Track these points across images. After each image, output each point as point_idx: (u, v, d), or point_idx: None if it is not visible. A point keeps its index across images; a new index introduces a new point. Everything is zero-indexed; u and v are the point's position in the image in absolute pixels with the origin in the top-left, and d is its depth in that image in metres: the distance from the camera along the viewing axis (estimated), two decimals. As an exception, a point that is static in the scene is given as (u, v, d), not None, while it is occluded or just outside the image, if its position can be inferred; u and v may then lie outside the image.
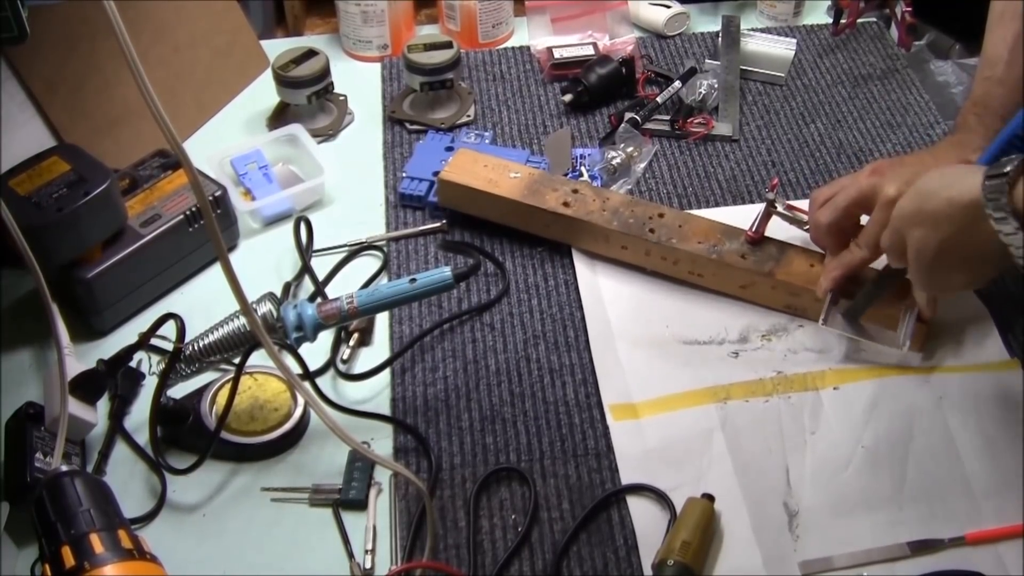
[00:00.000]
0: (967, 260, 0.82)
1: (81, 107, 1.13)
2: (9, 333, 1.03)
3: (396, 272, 1.09)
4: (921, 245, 0.83)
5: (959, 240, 0.80)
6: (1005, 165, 0.74)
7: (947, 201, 0.79)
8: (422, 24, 1.47)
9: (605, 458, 0.91)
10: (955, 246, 0.81)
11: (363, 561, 0.85)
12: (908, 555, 0.84)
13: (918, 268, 0.85)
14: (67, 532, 0.72)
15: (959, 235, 0.80)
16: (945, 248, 0.81)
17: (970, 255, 0.81)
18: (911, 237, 0.83)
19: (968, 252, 0.81)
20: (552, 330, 1.03)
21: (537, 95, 1.31)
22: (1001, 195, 0.74)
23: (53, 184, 0.97)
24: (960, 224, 0.79)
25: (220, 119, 1.29)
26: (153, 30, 1.21)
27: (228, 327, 1.00)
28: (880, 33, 1.40)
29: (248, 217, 1.14)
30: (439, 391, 0.98)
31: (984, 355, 0.98)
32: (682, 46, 1.39)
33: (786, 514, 0.87)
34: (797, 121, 1.26)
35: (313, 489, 0.90)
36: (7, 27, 0.86)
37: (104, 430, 0.94)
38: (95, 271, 0.99)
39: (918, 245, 0.83)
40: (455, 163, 1.12)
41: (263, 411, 0.93)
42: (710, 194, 1.17)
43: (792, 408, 0.94)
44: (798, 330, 1.01)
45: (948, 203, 0.79)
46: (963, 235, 0.79)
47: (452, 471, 0.91)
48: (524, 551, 0.86)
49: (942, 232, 0.81)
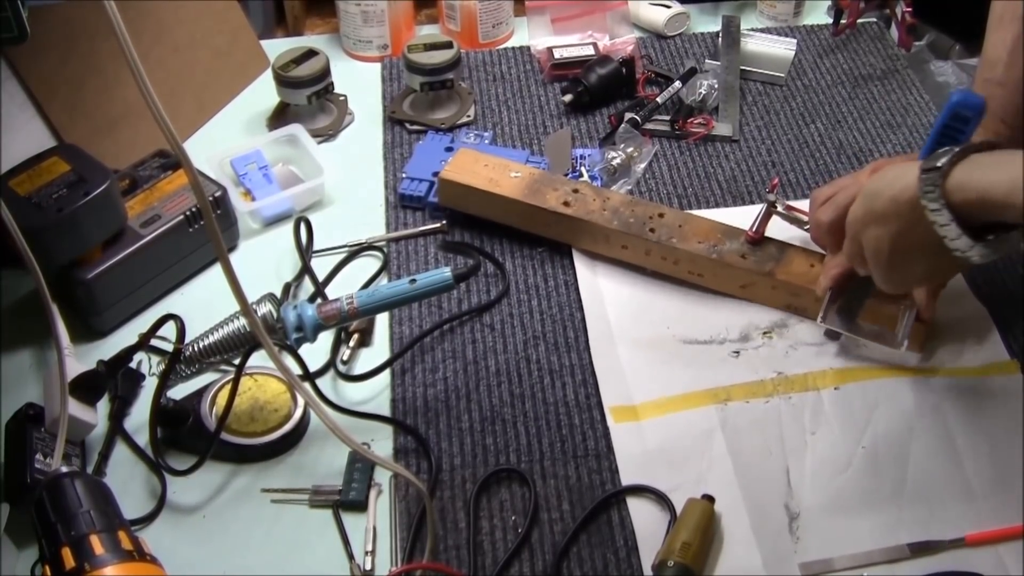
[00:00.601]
0: (921, 254, 0.83)
1: (81, 107, 1.13)
2: (9, 333, 1.03)
3: (396, 273, 1.09)
4: (875, 245, 0.85)
5: (908, 235, 0.82)
6: (939, 158, 0.76)
7: (891, 199, 0.82)
8: (422, 24, 1.47)
9: (605, 459, 0.91)
10: (906, 242, 0.82)
11: (363, 562, 0.85)
12: (908, 556, 0.84)
13: (876, 267, 0.87)
14: (67, 533, 0.72)
15: (907, 231, 0.81)
16: (897, 245, 0.83)
17: (922, 248, 0.82)
18: (865, 239, 0.86)
19: (919, 246, 0.82)
20: (552, 331, 1.03)
21: (537, 95, 1.31)
22: (935, 187, 0.76)
23: (53, 184, 0.97)
24: (907, 219, 0.81)
25: (220, 119, 1.29)
26: (153, 30, 1.21)
27: (228, 328, 1.00)
28: (880, 33, 1.40)
29: (248, 217, 1.14)
30: (439, 392, 0.98)
31: (984, 356, 0.98)
32: (682, 46, 1.39)
33: (786, 515, 0.87)
34: (797, 121, 1.26)
35: (313, 490, 0.90)
36: (7, 27, 0.86)
37: (104, 431, 0.94)
38: (95, 272, 0.99)
39: (873, 245, 0.85)
40: (456, 162, 1.12)
41: (263, 412, 0.93)
42: (710, 194, 1.17)
43: (792, 409, 0.94)
44: (799, 330, 1.01)
45: (892, 201, 0.82)
46: (911, 230, 0.81)
47: (452, 472, 0.91)
48: (524, 552, 0.86)
49: (891, 229, 0.82)
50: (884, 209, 0.83)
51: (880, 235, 0.84)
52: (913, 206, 0.79)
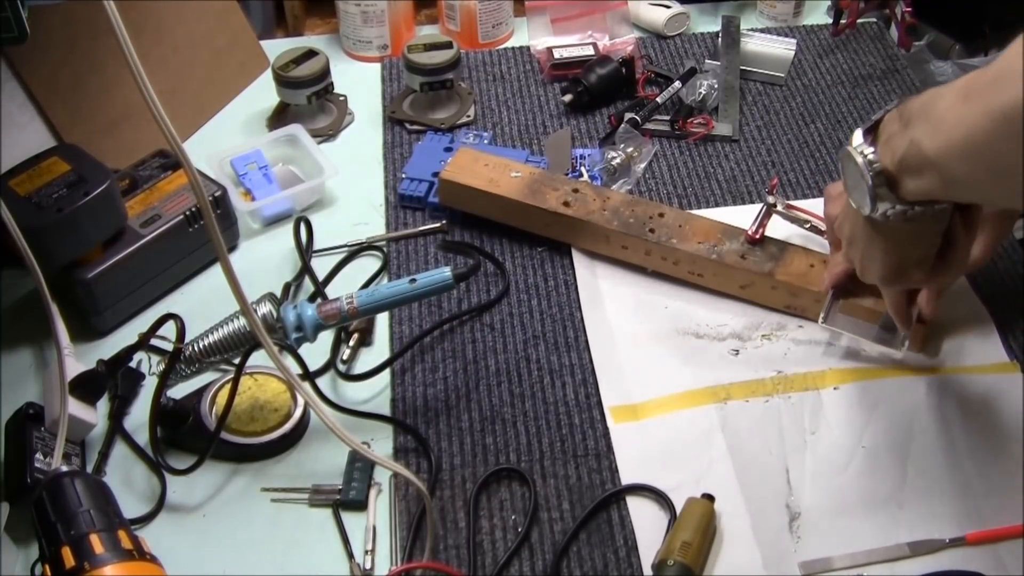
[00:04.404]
0: (880, 239, 0.81)
1: (81, 107, 1.13)
2: (9, 333, 1.03)
3: (396, 272, 1.09)
4: (849, 236, 0.85)
5: (857, 217, 0.81)
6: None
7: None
8: (422, 24, 1.47)
9: (605, 458, 0.92)
10: (864, 229, 0.81)
11: (363, 561, 0.85)
12: (908, 555, 0.84)
13: (851, 259, 0.86)
14: (67, 532, 0.72)
15: (855, 213, 0.81)
16: (856, 232, 0.83)
17: (878, 235, 0.81)
18: (842, 235, 0.86)
19: (874, 231, 0.81)
20: (552, 330, 1.03)
21: (537, 95, 1.31)
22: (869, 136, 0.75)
23: (53, 184, 0.97)
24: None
25: (220, 119, 1.29)
26: (153, 30, 1.21)
27: (228, 327, 1.00)
28: (880, 33, 1.40)
29: (248, 217, 1.14)
30: (439, 391, 0.98)
31: (984, 356, 0.98)
32: (682, 46, 1.39)
33: (786, 514, 0.87)
34: (797, 121, 1.26)
35: (313, 489, 0.90)
36: (7, 27, 0.86)
37: (104, 430, 0.94)
38: (95, 271, 0.99)
39: (847, 238, 0.85)
40: (456, 162, 1.12)
41: (263, 411, 0.93)
42: (710, 194, 1.17)
43: (792, 408, 0.94)
44: (798, 329, 1.01)
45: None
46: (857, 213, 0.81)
47: (452, 471, 0.91)
48: (524, 551, 0.86)
49: (852, 217, 0.82)
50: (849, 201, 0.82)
51: (852, 227, 0.84)
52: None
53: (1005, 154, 0.65)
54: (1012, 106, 0.62)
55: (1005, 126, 0.64)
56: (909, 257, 0.81)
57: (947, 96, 0.69)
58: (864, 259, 0.85)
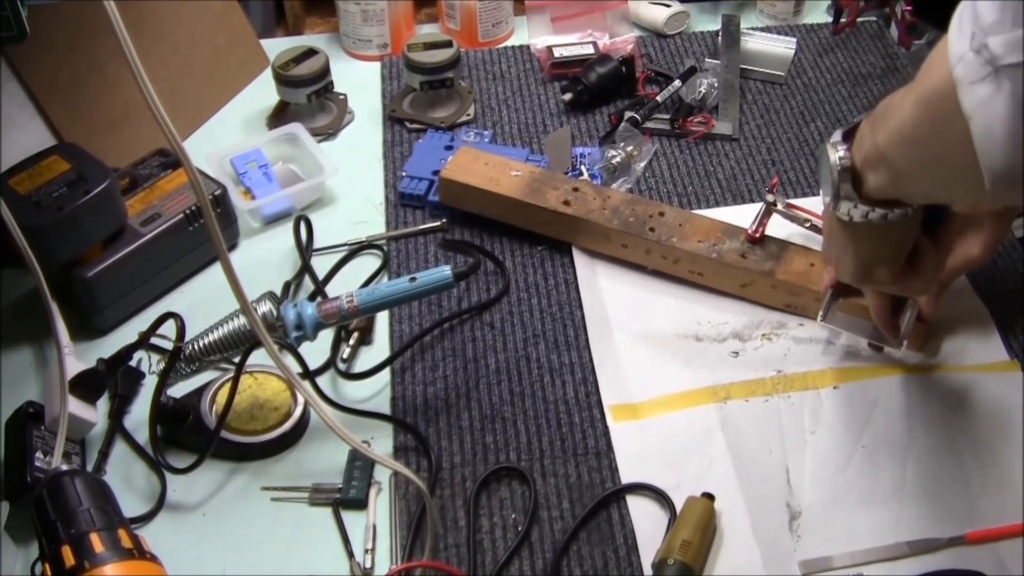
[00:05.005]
0: (857, 239, 0.81)
1: (81, 107, 1.13)
2: (9, 332, 1.03)
3: (396, 271, 1.09)
4: (826, 235, 0.86)
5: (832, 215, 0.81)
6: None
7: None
8: (422, 23, 1.47)
9: (605, 457, 0.92)
10: (842, 226, 0.81)
11: (363, 560, 0.85)
12: (908, 554, 0.84)
13: (828, 255, 0.87)
14: (67, 531, 0.72)
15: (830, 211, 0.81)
16: (839, 230, 0.82)
17: (851, 233, 0.81)
18: (825, 235, 0.87)
19: (847, 230, 0.81)
20: (552, 329, 1.03)
21: (537, 94, 1.31)
22: (841, 136, 0.76)
23: (53, 183, 0.97)
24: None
25: (220, 118, 1.29)
26: (153, 30, 1.21)
27: (228, 326, 1.00)
28: (880, 32, 1.40)
29: (248, 216, 1.14)
30: (439, 390, 0.98)
31: (984, 355, 0.98)
32: (682, 45, 1.39)
33: (786, 513, 0.87)
34: (797, 120, 1.26)
35: (313, 488, 0.90)
36: (7, 27, 0.86)
37: (104, 429, 0.94)
38: (95, 270, 0.99)
39: (825, 236, 0.86)
40: (456, 161, 1.12)
41: (263, 410, 0.93)
42: (710, 193, 1.17)
43: (792, 407, 0.94)
44: (798, 328, 1.01)
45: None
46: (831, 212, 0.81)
47: (452, 470, 0.91)
48: (524, 550, 0.86)
49: (833, 217, 0.81)
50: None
51: (826, 224, 0.85)
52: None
53: (929, 140, 0.65)
54: (933, 89, 0.62)
55: (927, 111, 0.64)
56: (875, 257, 0.81)
57: (901, 89, 0.69)
58: (837, 257, 0.85)
